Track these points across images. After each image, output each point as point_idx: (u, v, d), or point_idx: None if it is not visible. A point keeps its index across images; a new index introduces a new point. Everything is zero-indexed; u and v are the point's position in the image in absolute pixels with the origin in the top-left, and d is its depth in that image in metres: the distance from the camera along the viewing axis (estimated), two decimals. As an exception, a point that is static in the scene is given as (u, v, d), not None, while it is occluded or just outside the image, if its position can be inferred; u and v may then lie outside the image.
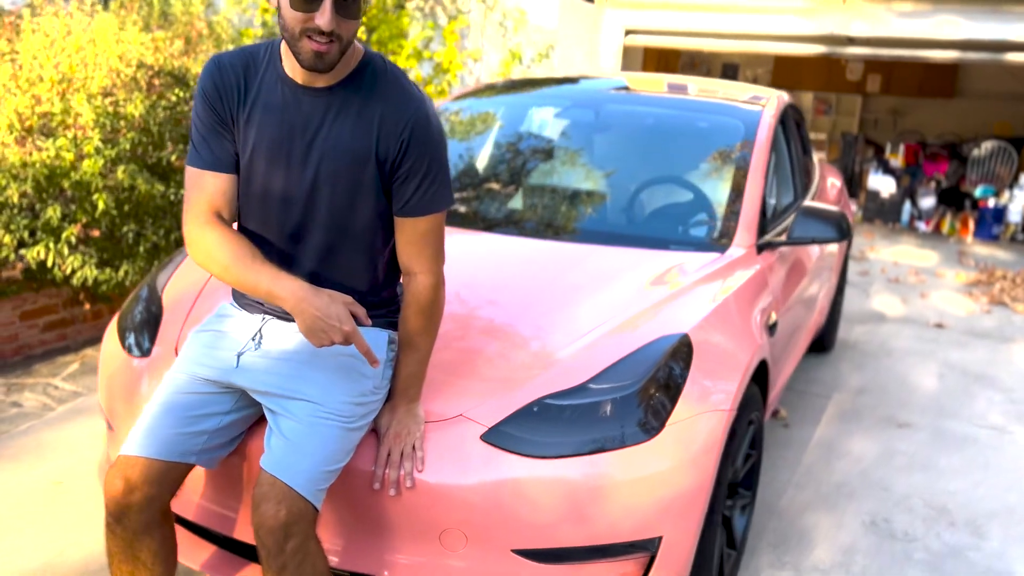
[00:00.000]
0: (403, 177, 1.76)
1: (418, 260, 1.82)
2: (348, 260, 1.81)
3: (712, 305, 2.31)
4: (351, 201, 1.76)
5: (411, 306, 1.84)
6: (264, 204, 1.78)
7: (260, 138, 1.74)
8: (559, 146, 3.36)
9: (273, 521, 1.63)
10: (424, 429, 1.88)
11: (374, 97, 1.73)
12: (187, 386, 1.80)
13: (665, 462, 1.92)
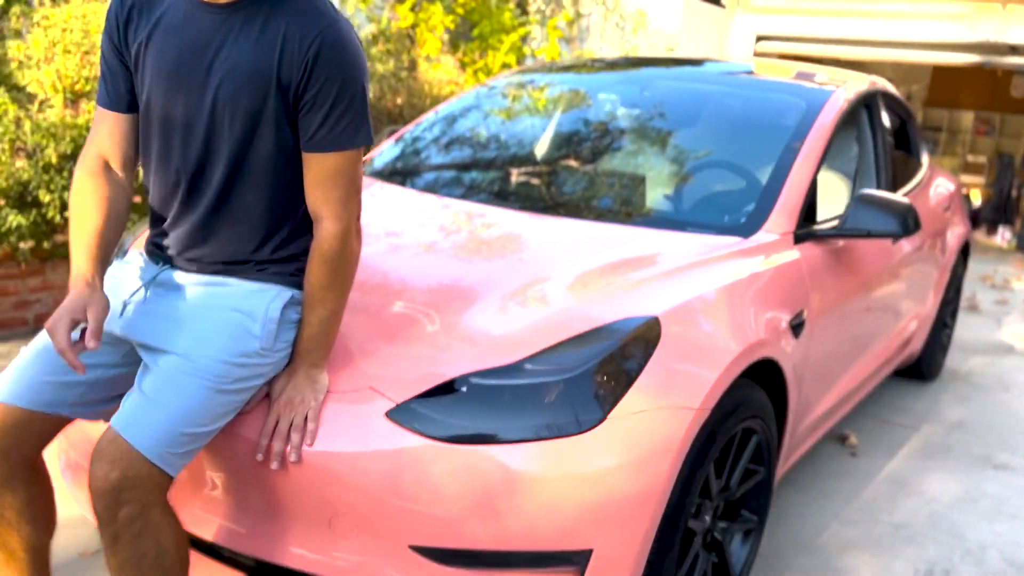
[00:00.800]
0: (308, 105, 1.56)
1: (324, 204, 1.61)
2: (247, 202, 1.63)
3: (701, 291, 1.97)
4: (251, 130, 1.58)
5: (314, 256, 1.63)
6: (163, 137, 1.63)
7: (158, 63, 1.59)
8: (591, 120, 3.07)
9: (103, 483, 1.45)
10: (324, 400, 1.67)
11: (280, 13, 1.54)
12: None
13: (601, 460, 1.62)
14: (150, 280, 1.68)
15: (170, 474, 1.50)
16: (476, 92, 3.36)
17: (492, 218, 2.42)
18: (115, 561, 1.48)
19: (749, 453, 2.06)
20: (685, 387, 1.75)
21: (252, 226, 1.65)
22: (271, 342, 1.63)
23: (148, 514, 1.47)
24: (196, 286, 1.65)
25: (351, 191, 1.63)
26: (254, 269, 1.66)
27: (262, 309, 1.63)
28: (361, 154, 1.64)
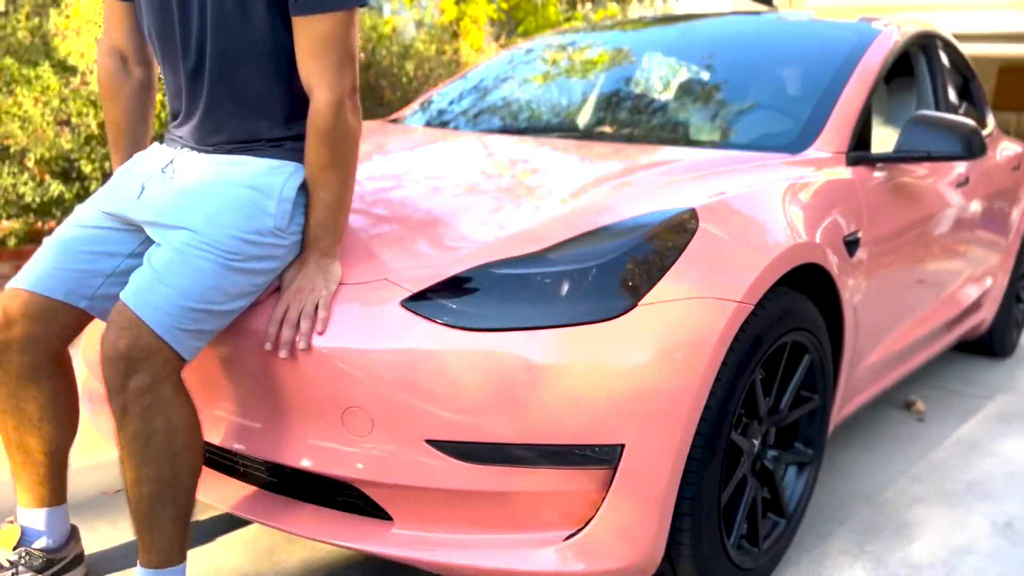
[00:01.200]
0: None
1: (316, 73, 1.53)
2: (250, 77, 1.57)
3: (743, 190, 1.83)
4: (242, 5, 1.52)
5: (310, 132, 1.55)
6: (161, 21, 1.58)
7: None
8: (641, 54, 2.97)
9: (111, 350, 1.39)
10: (336, 291, 1.58)
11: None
12: (89, 220, 1.62)
13: (630, 348, 1.48)
14: (167, 163, 1.62)
15: (180, 352, 1.43)
16: (510, 54, 3.29)
17: (533, 144, 2.32)
18: (124, 436, 1.41)
19: (801, 374, 1.90)
20: (725, 279, 1.60)
21: (260, 101, 1.59)
22: (285, 222, 1.56)
23: (158, 388, 1.41)
24: (212, 165, 1.59)
25: (344, 58, 1.54)
26: (269, 146, 1.60)
27: (278, 187, 1.56)
28: (353, 18, 1.55)
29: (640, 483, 1.50)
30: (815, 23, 3.01)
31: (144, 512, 1.45)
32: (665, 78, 2.93)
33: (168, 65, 1.62)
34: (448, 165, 2.17)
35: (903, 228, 2.42)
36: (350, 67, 1.54)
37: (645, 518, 1.52)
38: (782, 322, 1.74)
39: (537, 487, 1.50)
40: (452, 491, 1.50)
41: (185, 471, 1.45)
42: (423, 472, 1.50)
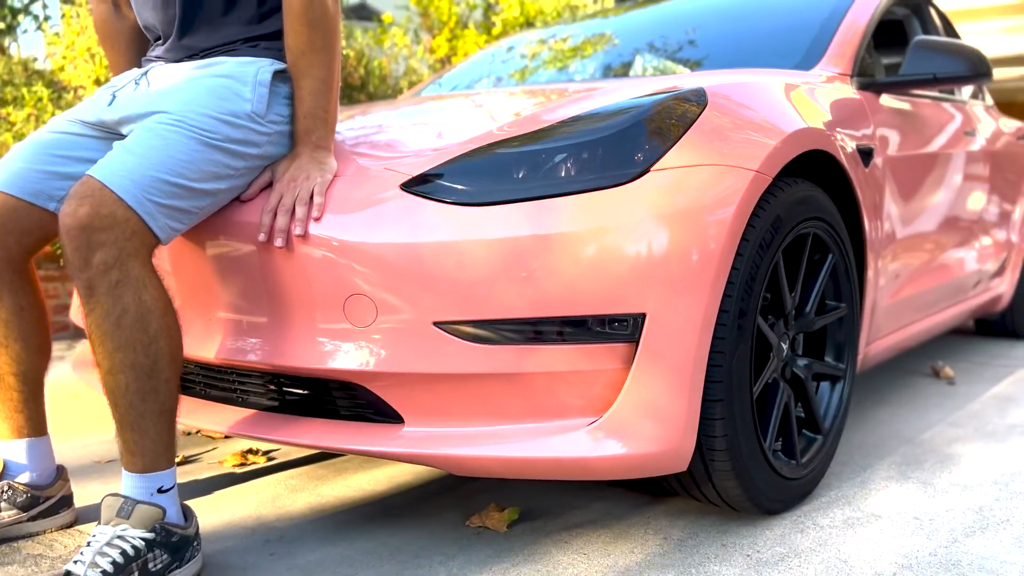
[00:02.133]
0: None
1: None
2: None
3: (750, 80, 1.77)
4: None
5: (288, 16, 1.50)
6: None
7: None
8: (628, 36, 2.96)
9: (70, 220, 1.28)
10: (332, 182, 1.50)
11: None
12: (61, 126, 1.56)
13: (644, 209, 1.40)
14: (141, 76, 1.57)
15: (151, 225, 1.33)
16: (491, 50, 3.29)
17: (532, 89, 2.28)
18: (93, 319, 1.30)
19: (824, 275, 1.80)
20: (739, 150, 1.53)
21: (230, 2, 1.55)
22: (263, 107, 1.49)
23: (126, 264, 1.30)
24: (186, 69, 1.53)
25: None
26: (245, 46, 1.55)
27: (252, 74, 1.51)
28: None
29: (665, 356, 1.39)
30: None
31: (124, 408, 1.33)
32: (659, 51, 2.92)
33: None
34: (439, 105, 2.12)
35: (917, 158, 2.36)
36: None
37: (673, 396, 1.40)
38: (800, 208, 1.66)
39: (555, 367, 1.39)
40: (464, 377, 1.40)
41: (163, 359, 1.34)
42: (432, 358, 1.39)
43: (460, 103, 2.06)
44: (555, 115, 1.58)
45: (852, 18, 2.34)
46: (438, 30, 5.97)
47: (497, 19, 6.22)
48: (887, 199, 2.13)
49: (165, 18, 1.59)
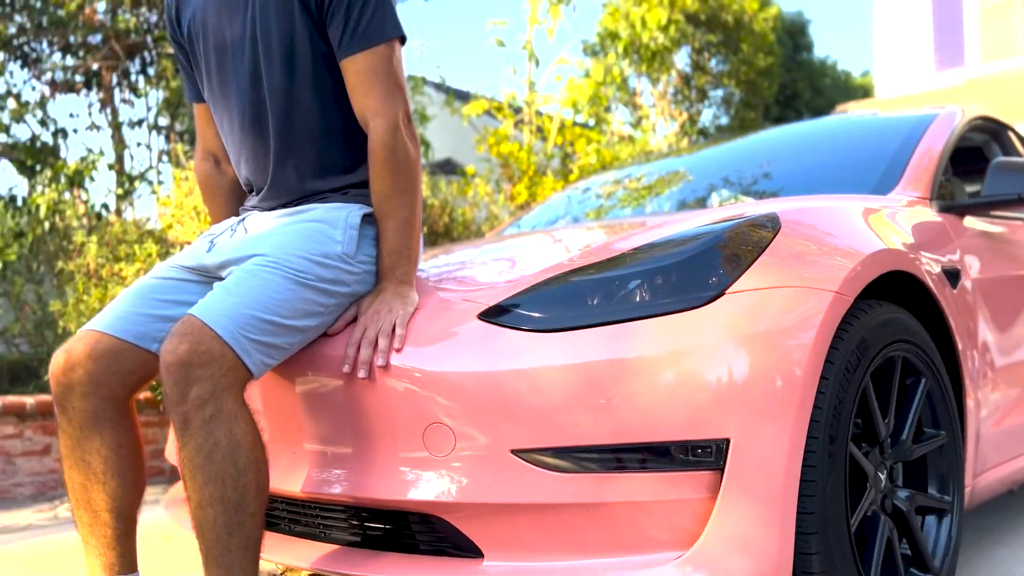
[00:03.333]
0: (330, 8, 1.59)
1: (368, 106, 1.60)
2: (309, 129, 1.65)
3: (827, 204, 1.78)
4: (290, 56, 1.62)
5: (371, 162, 1.60)
6: (222, 92, 1.71)
7: (204, 27, 1.70)
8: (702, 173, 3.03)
9: (171, 356, 1.35)
10: (413, 314, 1.55)
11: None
12: (163, 272, 1.67)
13: (724, 332, 1.39)
14: (237, 223, 1.69)
15: (245, 361, 1.39)
16: (567, 191, 3.41)
17: (617, 221, 2.34)
18: (186, 452, 1.35)
19: (919, 401, 1.72)
20: (817, 272, 1.52)
21: (320, 155, 1.66)
22: (352, 248, 1.58)
23: (221, 399, 1.35)
24: (280, 216, 1.64)
25: (391, 87, 1.60)
26: (335, 194, 1.66)
27: (342, 218, 1.61)
28: (394, 50, 1.62)
29: (753, 485, 1.34)
30: (881, 115, 3.05)
31: (211, 541, 1.35)
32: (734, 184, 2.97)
33: (235, 143, 1.73)
34: (517, 242, 2.19)
35: (1010, 280, 2.28)
36: (400, 94, 1.61)
37: (764, 527, 1.34)
38: (886, 330, 1.61)
39: (638, 496, 1.36)
40: (543, 508, 1.37)
41: (251, 492, 1.37)
42: (510, 487, 1.38)
43: (537, 239, 2.12)
44: (627, 243, 1.61)
45: (927, 144, 2.35)
46: (518, 179, 6.22)
47: (574, 166, 6.46)
48: (980, 323, 2.05)
49: (259, 172, 1.71)
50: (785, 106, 12.18)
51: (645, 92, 9.96)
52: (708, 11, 9.49)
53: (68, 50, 5.72)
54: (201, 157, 1.90)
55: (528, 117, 6.74)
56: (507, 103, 6.78)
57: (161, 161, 5.85)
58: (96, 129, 5.82)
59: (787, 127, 3.27)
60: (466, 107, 6.71)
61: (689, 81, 9.96)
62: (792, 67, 12.22)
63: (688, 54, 9.93)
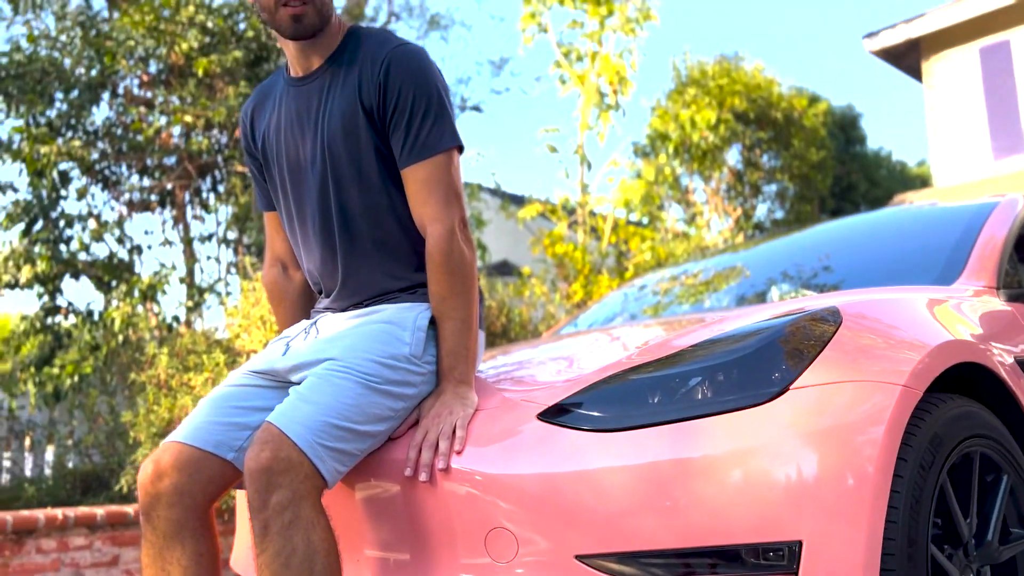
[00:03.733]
0: (392, 122, 1.66)
1: (426, 212, 1.65)
2: (375, 234, 1.71)
3: (890, 296, 1.75)
4: (357, 163, 1.69)
5: (429, 266, 1.64)
6: (294, 202, 1.78)
7: (277, 142, 1.79)
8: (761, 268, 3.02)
9: (254, 463, 1.39)
10: (473, 414, 1.56)
11: (357, 58, 1.71)
12: (238, 379, 1.72)
13: (788, 431, 1.36)
14: (310, 325, 1.74)
15: (320, 469, 1.42)
16: (624, 289, 3.42)
17: (675, 318, 2.34)
18: (264, 557, 1.37)
19: (1002, 499, 1.64)
20: (882, 365, 1.48)
21: (387, 257, 1.71)
22: (420, 350, 1.60)
23: (299, 506, 1.38)
24: (351, 317, 1.68)
25: (449, 194, 1.65)
26: (404, 294, 1.69)
27: (411, 319, 1.64)
28: (452, 159, 1.68)
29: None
30: (940, 205, 3.03)
31: None
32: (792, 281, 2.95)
33: (306, 249, 1.79)
34: (575, 341, 2.20)
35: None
36: (457, 202, 1.66)
37: (845, 636, 1.27)
38: (960, 425, 1.56)
39: (708, 603, 1.31)
40: (611, 616, 1.33)
41: None
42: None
43: (595, 338, 2.13)
44: (686, 340, 1.60)
45: (990, 232, 2.32)
46: (573, 278, 6.28)
47: (629, 264, 6.50)
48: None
49: (330, 276, 1.77)
50: (841, 198, 12.13)
51: (698, 189, 10.05)
52: (757, 110, 9.63)
53: (145, 172, 6.07)
54: (269, 263, 1.96)
55: (582, 218, 6.85)
56: (561, 205, 6.92)
57: (229, 273, 6.08)
58: (169, 244, 6.10)
59: (845, 219, 3.26)
60: (521, 210, 6.86)
61: (741, 177, 10.03)
62: (846, 159, 12.21)
63: (739, 151, 10.03)
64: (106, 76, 5.96)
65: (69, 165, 5.69)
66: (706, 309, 2.78)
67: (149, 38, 5.86)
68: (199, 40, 5.90)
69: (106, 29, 6.10)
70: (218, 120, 5.64)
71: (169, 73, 6.05)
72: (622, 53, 7.19)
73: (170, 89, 6.00)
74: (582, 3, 7.21)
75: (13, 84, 5.61)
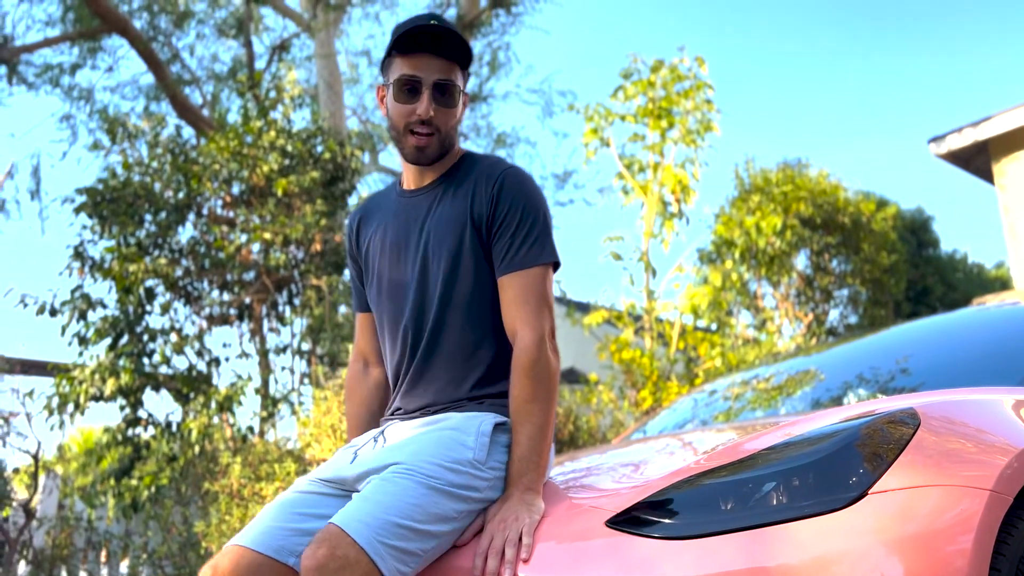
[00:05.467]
0: (498, 231, 1.75)
1: (519, 318, 1.71)
2: (457, 339, 1.76)
3: (969, 397, 1.69)
4: (454, 269, 1.76)
5: (515, 369, 1.68)
6: (389, 306, 1.85)
7: (381, 248, 1.88)
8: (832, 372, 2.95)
9: (309, 561, 1.39)
10: (540, 522, 1.54)
11: (471, 174, 1.83)
12: (304, 486, 1.73)
13: (869, 538, 1.30)
14: (379, 434, 1.76)
15: (380, 566, 1.41)
16: (693, 395, 3.37)
17: (748, 422, 2.29)
18: None
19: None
20: (966, 470, 1.42)
21: (465, 361, 1.74)
22: (483, 455, 1.61)
23: None
24: (419, 425, 1.71)
25: (542, 304, 1.71)
26: (471, 401, 1.72)
27: (475, 426, 1.66)
28: (549, 274, 1.75)
29: None
30: (1020, 305, 2.93)
31: None
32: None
33: (390, 343, 1.85)
34: (644, 447, 2.17)
35: None
36: (548, 313, 1.72)
37: None
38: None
39: None
40: None
41: None
42: None
43: (664, 442, 2.10)
44: (758, 443, 1.57)
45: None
46: (642, 385, 6.20)
47: (699, 370, 6.40)
48: None
49: (405, 373, 1.81)
50: (917, 302, 11.81)
51: (766, 295, 9.93)
52: (823, 215, 9.58)
53: (225, 287, 6.33)
54: (354, 358, 2.04)
55: (648, 324, 6.82)
56: (627, 312, 6.91)
57: (302, 383, 6.20)
58: (245, 356, 6.27)
59: (922, 320, 3.18)
60: (587, 317, 6.87)
61: (811, 282, 9.89)
62: (919, 263, 11.95)
63: (807, 256, 9.93)
64: (192, 198, 6.32)
65: (154, 282, 5.98)
66: (780, 414, 2.71)
67: (233, 162, 6.23)
68: (279, 162, 6.25)
69: (193, 155, 6.52)
70: (295, 236, 5.89)
71: (250, 194, 6.39)
72: (684, 163, 7.31)
73: (251, 209, 6.32)
74: (643, 117, 7.40)
75: (108, 207, 5.98)
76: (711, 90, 7.43)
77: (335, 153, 6.54)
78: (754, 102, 36.66)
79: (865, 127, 43.81)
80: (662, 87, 7.40)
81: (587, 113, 7.61)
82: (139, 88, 12.72)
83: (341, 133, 7.95)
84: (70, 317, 5.73)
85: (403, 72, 1.77)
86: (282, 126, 6.61)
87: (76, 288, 5.85)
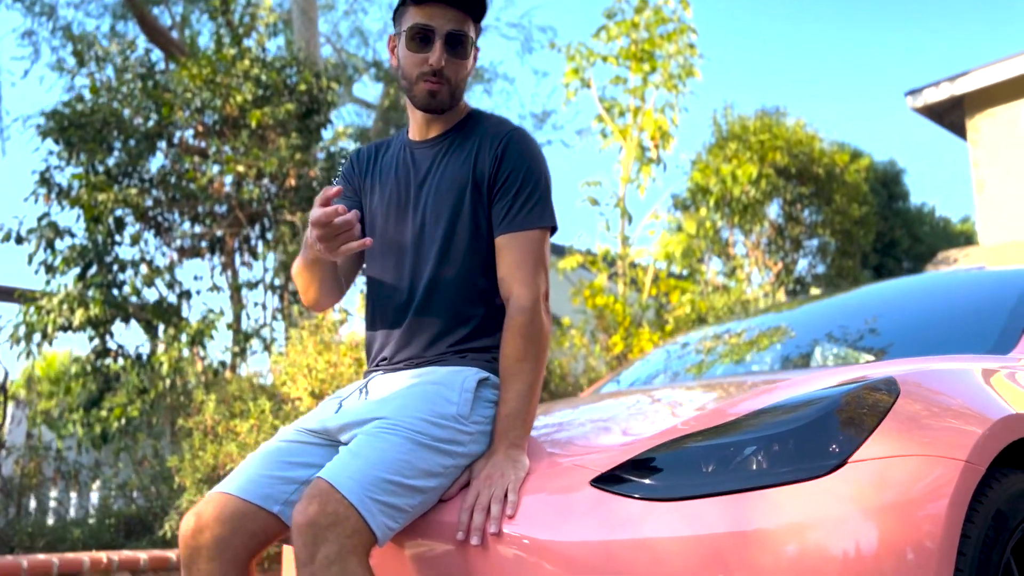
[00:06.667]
0: (499, 191, 1.75)
1: (515, 279, 1.72)
2: (450, 292, 1.76)
3: (947, 366, 1.74)
4: (453, 225, 1.76)
5: (507, 328, 1.69)
6: (385, 255, 1.85)
7: (379, 195, 1.88)
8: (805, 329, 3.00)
9: (300, 517, 1.41)
10: (525, 478, 1.57)
11: (476, 132, 1.82)
12: (290, 435, 1.75)
13: (846, 505, 1.35)
14: (364, 385, 1.77)
15: (370, 523, 1.43)
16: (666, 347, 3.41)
17: (719, 380, 2.33)
18: None
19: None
20: (943, 439, 1.47)
21: (454, 318, 1.75)
22: (467, 410, 1.63)
23: (346, 560, 1.39)
24: (402, 378, 1.71)
25: (538, 267, 1.73)
26: (455, 355, 1.72)
27: (459, 381, 1.67)
28: (546, 237, 1.76)
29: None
30: (992, 269, 2.99)
31: None
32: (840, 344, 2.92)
33: (381, 292, 1.84)
34: (621, 402, 2.20)
35: None
36: (544, 275, 1.74)
37: None
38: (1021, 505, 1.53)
39: None
40: None
41: None
42: (630, 667, 1.33)
43: (640, 399, 2.13)
44: (740, 408, 1.60)
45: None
46: (614, 330, 6.26)
47: (669, 316, 6.47)
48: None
49: (393, 328, 1.81)
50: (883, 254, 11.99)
51: (738, 243, 10.03)
52: (798, 165, 9.63)
53: (196, 219, 6.23)
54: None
55: (622, 269, 6.86)
56: (601, 256, 6.94)
57: (275, 319, 6.17)
58: (217, 290, 6.22)
59: (892, 281, 3.23)
60: (561, 261, 6.89)
61: (782, 231, 9.99)
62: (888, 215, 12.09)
63: (780, 206, 10.01)
64: (163, 126, 6.16)
65: (124, 212, 5.86)
66: (751, 371, 2.76)
67: (205, 90, 6.06)
68: (253, 92, 6.09)
69: (164, 81, 6.33)
70: (269, 170, 5.79)
71: (223, 124, 6.24)
72: (664, 108, 7.26)
73: (224, 139, 6.18)
74: (625, 59, 7.31)
75: (75, 133, 5.81)
76: (694, 34, 7.33)
77: (311, 85, 6.39)
78: (734, 49, 36.35)
79: (845, 78, 43.74)
80: (645, 29, 7.29)
81: (568, 52, 7.49)
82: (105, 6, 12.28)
83: (316, 63, 7.74)
84: (37, 245, 5.61)
85: (416, 21, 1.74)
86: (256, 55, 6.43)
87: (43, 216, 5.72)
